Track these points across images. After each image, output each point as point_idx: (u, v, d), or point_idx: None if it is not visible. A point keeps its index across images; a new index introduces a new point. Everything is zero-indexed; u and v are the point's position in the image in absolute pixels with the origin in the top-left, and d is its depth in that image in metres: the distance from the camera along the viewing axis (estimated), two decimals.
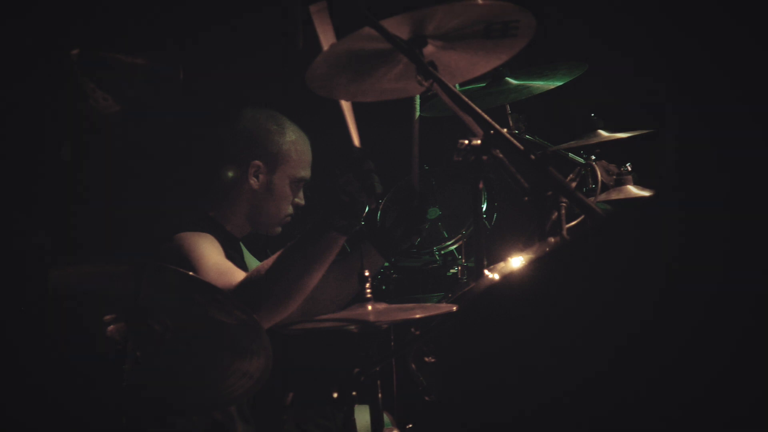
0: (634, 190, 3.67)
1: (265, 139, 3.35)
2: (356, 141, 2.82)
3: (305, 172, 3.41)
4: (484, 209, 3.77)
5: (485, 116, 2.26)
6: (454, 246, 3.95)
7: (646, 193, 3.67)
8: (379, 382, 2.51)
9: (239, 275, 2.92)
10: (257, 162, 3.33)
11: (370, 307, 2.43)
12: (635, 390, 1.20)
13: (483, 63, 2.66)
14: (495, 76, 3.86)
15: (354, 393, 2.48)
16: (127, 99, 3.34)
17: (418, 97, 2.86)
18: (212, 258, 3.00)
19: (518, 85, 3.87)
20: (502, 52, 2.60)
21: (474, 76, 2.72)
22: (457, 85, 2.75)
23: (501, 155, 2.28)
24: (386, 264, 3.90)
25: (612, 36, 4.14)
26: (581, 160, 3.84)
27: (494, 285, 2.19)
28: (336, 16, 2.63)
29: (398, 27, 2.39)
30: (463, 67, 2.64)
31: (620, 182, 3.71)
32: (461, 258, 3.92)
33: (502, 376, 1.29)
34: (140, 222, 3.45)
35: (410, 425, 2.83)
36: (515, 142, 2.21)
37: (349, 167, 2.79)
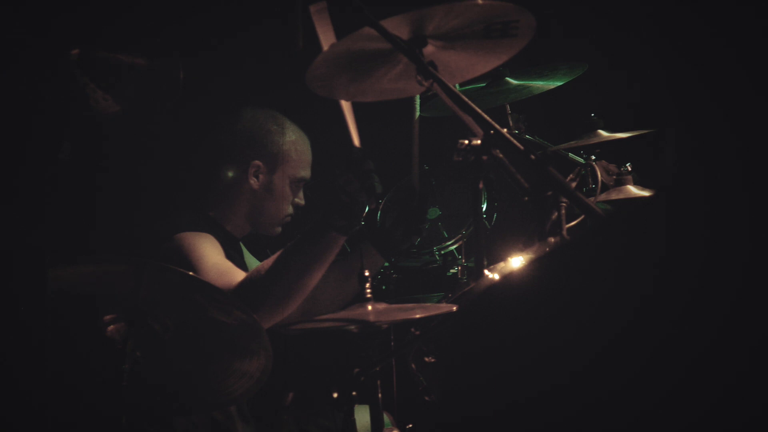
0: (634, 190, 3.67)
1: (265, 139, 3.35)
2: (356, 141, 2.82)
3: (305, 172, 3.41)
4: (484, 209, 3.77)
5: (485, 116, 2.26)
6: (454, 246, 3.94)
7: (646, 193, 3.67)
8: (379, 382, 2.51)
9: (239, 275, 2.92)
10: (257, 162, 3.33)
11: (370, 307, 2.43)
12: (636, 390, 1.20)
13: (483, 63, 2.66)
14: (495, 76, 3.85)
15: (354, 393, 2.48)
16: (127, 99, 3.34)
17: (418, 97, 2.86)
18: (212, 258, 3.00)
19: (518, 85, 3.87)
20: (502, 52, 2.60)
21: (474, 76, 2.72)
22: (457, 85, 2.75)
23: (501, 155, 2.28)
24: (386, 264, 3.89)
25: (612, 36, 4.14)
26: (581, 160, 3.84)
27: (494, 285, 2.19)
28: (336, 16, 2.63)
29: (398, 27, 2.39)
30: (463, 67, 2.64)
31: (620, 182, 3.71)
32: (461, 258, 3.92)
33: (503, 376, 1.29)
34: (140, 222, 3.45)
35: (410, 425, 2.83)
36: (515, 142, 2.21)
37: (349, 167, 2.79)
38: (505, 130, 2.30)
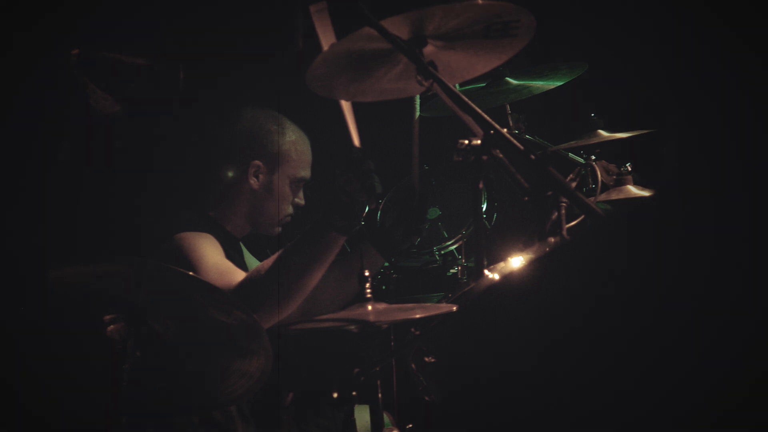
0: (634, 190, 3.67)
1: (265, 139, 3.35)
2: (356, 141, 2.82)
3: (305, 172, 3.41)
4: (484, 209, 3.77)
5: (485, 116, 2.26)
6: (454, 246, 3.94)
7: (646, 193, 3.67)
8: (379, 382, 2.51)
9: (239, 275, 2.92)
10: (257, 162, 3.33)
11: (370, 307, 2.43)
12: (636, 390, 1.20)
13: (483, 63, 2.66)
14: (495, 76, 3.85)
15: (354, 393, 2.48)
16: (127, 99, 3.34)
17: (418, 97, 2.86)
18: (212, 258, 3.00)
19: (518, 85, 3.87)
20: (502, 52, 2.60)
21: (474, 76, 2.72)
22: (457, 85, 2.75)
23: (501, 155, 2.28)
24: (386, 264, 3.89)
25: (612, 36, 4.14)
26: (581, 160, 3.84)
27: (494, 285, 2.19)
28: (336, 16, 2.63)
29: (398, 27, 2.39)
30: (463, 67, 2.64)
31: (620, 182, 3.71)
32: (461, 258, 3.92)
33: (502, 376, 1.29)
34: (140, 222, 3.45)
35: (410, 425, 2.83)
36: (515, 142, 2.21)
37: (349, 167, 2.79)
38: (505, 130, 2.30)
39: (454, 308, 2.42)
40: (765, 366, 1.14)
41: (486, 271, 2.36)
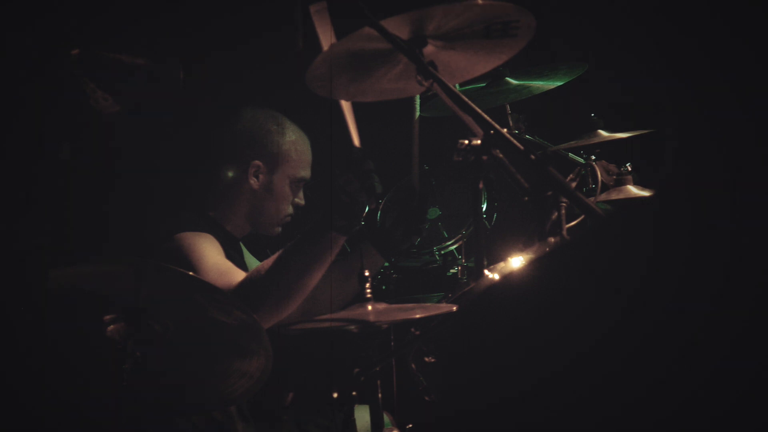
0: (634, 190, 3.68)
1: (265, 139, 3.36)
2: (356, 141, 2.82)
3: (305, 172, 3.41)
4: (484, 209, 3.77)
5: (485, 116, 2.26)
6: (454, 246, 3.94)
7: (646, 193, 3.67)
8: (379, 382, 2.51)
9: (239, 275, 2.92)
10: (257, 162, 3.33)
11: (370, 307, 2.43)
12: (637, 390, 1.20)
13: (483, 63, 2.66)
14: (495, 76, 3.86)
15: (354, 393, 2.48)
16: (127, 99, 3.34)
17: (418, 97, 2.86)
18: (212, 258, 3.00)
19: (518, 85, 3.87)
20: (502, 52, 2.60)
21: (474, 76, 2.72)
22: (457, 85, 2.75)
23: (501, 155, 2.28)
24: (386, 264, 3.89)
25: (612, 36, 4.15)
26: (581, 160, 3.84)
27: (494, 285, 2.19)
28: (336, 16, 2.63)
29: (398, 27, 2.39)
30: (463, 67, 2.64)
31: (620, 182, 3.71)
32: (461, 258, 3.92)
33: (502, 376, 1.29)
34: (140, 222, 3.45)
35: (410, 425, 2.83)
36: (515, 142, 2.21)
37: (349, 167, 2.79)
38: (505, 130, 2.30)
39: (454, 308, 2.42)
40: (765, 365, 1.14)
41: (486, 271, 2.36)
